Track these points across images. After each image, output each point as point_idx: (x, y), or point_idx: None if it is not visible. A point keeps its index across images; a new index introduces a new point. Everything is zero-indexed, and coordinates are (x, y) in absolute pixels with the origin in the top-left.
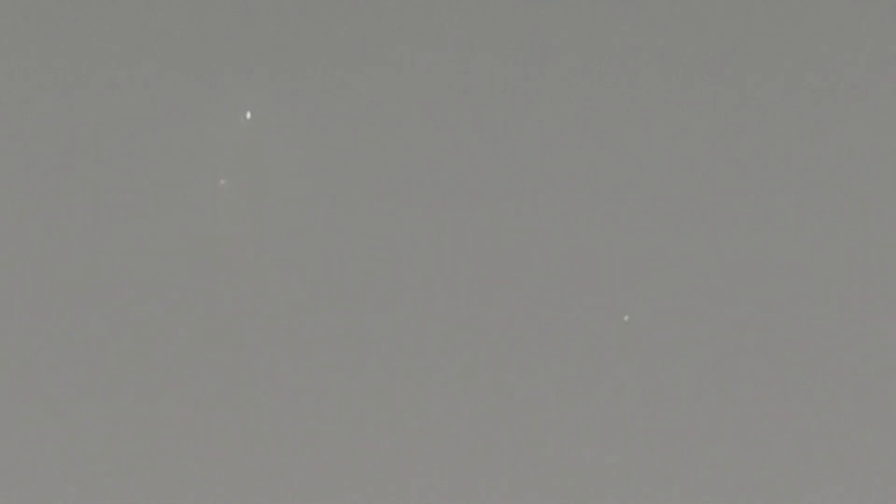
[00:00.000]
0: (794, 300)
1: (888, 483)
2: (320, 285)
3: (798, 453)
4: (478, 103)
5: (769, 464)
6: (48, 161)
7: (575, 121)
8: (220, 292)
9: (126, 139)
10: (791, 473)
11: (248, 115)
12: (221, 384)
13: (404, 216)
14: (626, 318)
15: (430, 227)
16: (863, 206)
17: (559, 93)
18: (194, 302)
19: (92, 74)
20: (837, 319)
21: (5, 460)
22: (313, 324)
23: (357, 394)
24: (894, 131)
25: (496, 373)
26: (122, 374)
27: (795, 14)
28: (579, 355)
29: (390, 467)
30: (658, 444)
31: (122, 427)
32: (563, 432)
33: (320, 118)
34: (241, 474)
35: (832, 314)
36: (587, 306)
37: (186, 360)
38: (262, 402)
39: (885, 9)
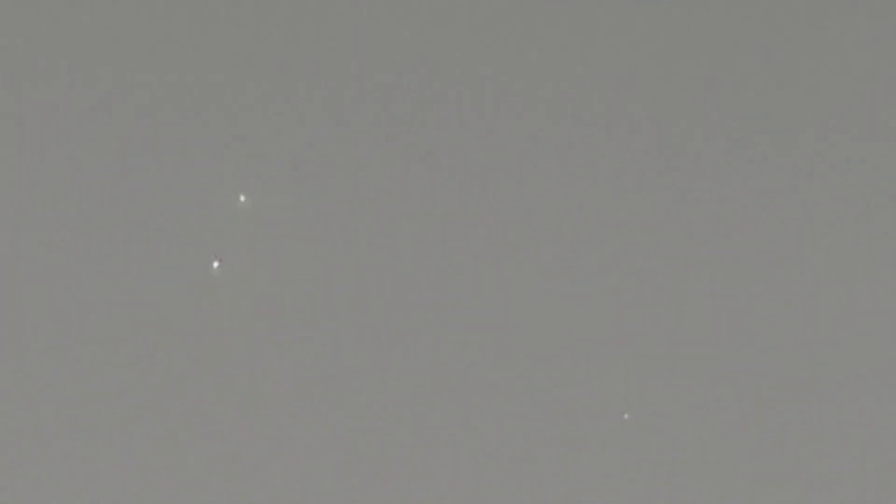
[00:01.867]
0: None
1: (888, 483)
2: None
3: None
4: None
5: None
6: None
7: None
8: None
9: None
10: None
11: (242, 199)
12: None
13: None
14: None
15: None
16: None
17: (563, 101)
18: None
19: (85, 150)
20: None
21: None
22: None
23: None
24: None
25: (495, 379)
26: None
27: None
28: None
29: (389, 471)
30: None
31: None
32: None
33: (314, 200)
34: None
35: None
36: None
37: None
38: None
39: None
